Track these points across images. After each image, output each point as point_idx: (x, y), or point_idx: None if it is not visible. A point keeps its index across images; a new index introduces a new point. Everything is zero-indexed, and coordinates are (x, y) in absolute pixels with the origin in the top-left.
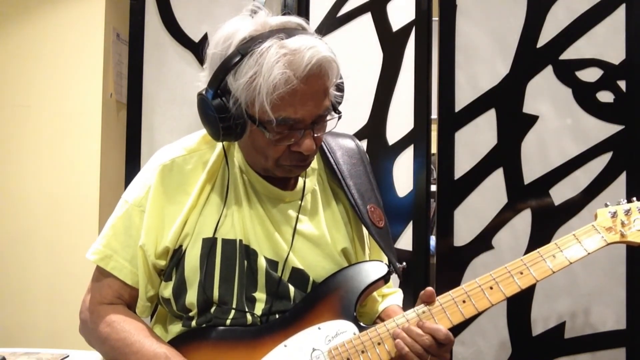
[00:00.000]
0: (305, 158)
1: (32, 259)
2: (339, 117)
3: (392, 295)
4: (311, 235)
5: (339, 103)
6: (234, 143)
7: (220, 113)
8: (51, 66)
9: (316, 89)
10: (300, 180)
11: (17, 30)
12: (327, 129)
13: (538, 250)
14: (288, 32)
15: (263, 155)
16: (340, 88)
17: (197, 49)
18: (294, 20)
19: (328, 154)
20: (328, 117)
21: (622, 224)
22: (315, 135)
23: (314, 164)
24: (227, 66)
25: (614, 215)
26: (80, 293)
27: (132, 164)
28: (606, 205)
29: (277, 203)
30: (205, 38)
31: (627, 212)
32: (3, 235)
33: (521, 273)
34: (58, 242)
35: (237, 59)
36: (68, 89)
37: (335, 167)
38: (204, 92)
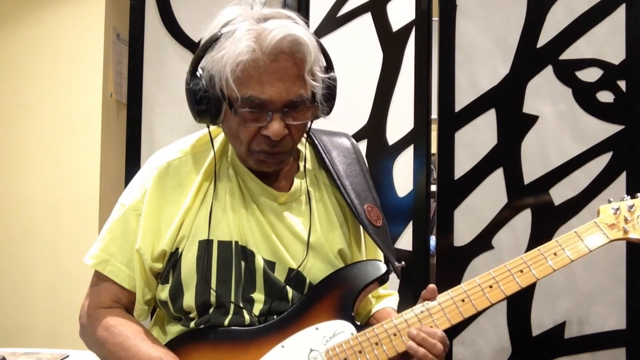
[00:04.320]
0: (275, 144)
1: (32, 259)
2: (316, 108)
3: (387, 298)
4: (306, 237)
5: (328, 99)
6: (229, 143)
7: (196, 90)
8: (51, 66)
9: (285, 70)
10: (297, 181)
11: (17, 30)
12: (302, 120)
13: (539, 248)
14: (270, 17)
15: (237, 140)
16: (329, 86)
17: (197, 49)
18: (285, 12)
19: (323, 153)
20: (303, 105)
21: (625, 220)
22: (288, 123)
23: (309, 164)
24: (207, 45)
25: (617, 211)
26: (80, 293)
27: (132, 164)
28: (609, 202)
29: (272, 204)
30: None
31: (631, 208)
32: (3, 235)
33: (521, 271)
34: (58, 242)
35: (216, 38)
36: (68, 88)
37: (330, 167)
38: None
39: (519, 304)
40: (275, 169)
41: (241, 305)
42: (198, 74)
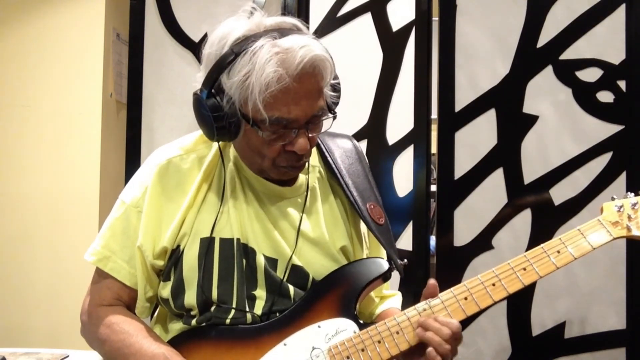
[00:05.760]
0: (300, 158)
1: (32, 259)
2: (334, 118)
3: (391, 298)
4: (310, 233)
5: (335, 104)
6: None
7: (215, 112)
8: (51, 66)
9: (309, 88)
10: (301, 177)
11: (17, 30)
12: (322, 129)
13: (542, 245)
14: (282, 32)
15: (259, 155)
16: (336, 88)
17: (197, 49)
18: (289, 20)
19: (326, 153)
20: (323, 117)
21: (629, 217)
22: (310, 135)
23: (314, 160)
24: (221, 65)
25: (620, 209)
26: (80, 293)
27: (132, 164)
28: (613, 199)
29: (275, 200)
30: (205, 38)
31: (634, 206)
32: (3, 235)
33: (524, 269)
34: (58, 242)
35: (231, 58)
36: (68, 89)
37: (333, 165)
38: (198, 92)
39: (519, 304)
40: (295, 176)
41: (244, 303)
42: (213, 91)
